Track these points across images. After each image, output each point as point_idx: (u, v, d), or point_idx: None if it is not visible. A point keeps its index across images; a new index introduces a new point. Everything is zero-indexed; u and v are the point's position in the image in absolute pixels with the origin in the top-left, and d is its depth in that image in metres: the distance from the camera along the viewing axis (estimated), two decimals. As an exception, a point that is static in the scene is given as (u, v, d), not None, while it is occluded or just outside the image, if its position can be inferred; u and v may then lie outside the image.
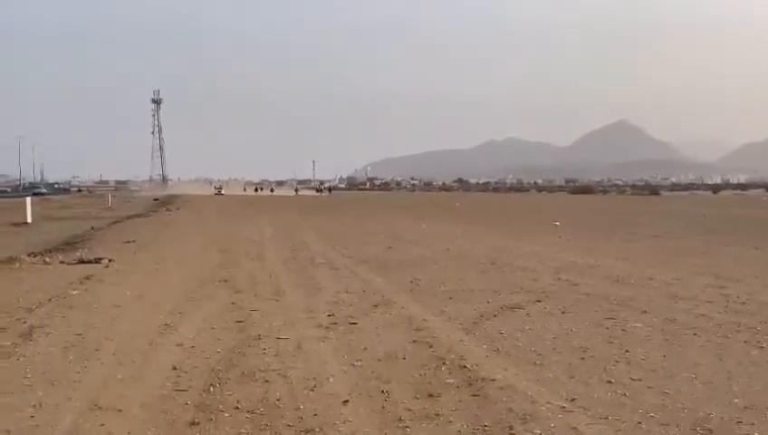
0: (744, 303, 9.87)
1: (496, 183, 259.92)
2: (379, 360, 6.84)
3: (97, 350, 7.21)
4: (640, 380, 6.11)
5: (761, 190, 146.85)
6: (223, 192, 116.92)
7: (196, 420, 5.12)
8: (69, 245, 19.97)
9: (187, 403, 5.51)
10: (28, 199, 35.04)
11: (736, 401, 5.53)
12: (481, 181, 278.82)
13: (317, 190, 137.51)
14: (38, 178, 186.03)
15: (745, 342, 7.52)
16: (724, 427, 4.95)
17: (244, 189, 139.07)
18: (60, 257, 15.69)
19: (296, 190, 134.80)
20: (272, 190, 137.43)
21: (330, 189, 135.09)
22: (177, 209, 48.48)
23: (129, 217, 37.38)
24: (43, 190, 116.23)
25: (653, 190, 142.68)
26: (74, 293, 10.76)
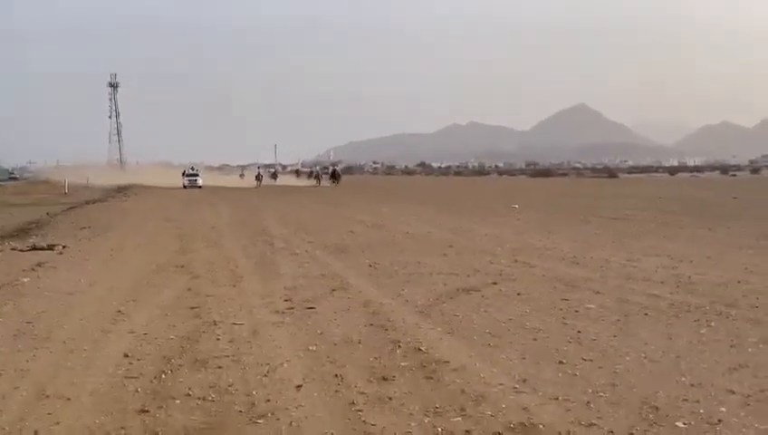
0: (694, 283, 10.07)
1: (458, 167, 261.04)
2: (335, 344, 6.83)
3: (47, 338, 7.09)
4: (591, 360, 6.20)
5: (716, 173, 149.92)
6: (200, 181, 67.33)
7: (146, 408, 5.06)
8: (22, 231, 19.58)
9: (137, 391, 5.45)
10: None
11: (683, 379, 5.64)
12: (443, 165, 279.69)
13: (308, 176, 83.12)
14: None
15: (695, 321, 7.67)
16: (670, 404, 5.05)
17: (242, 175, 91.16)
18: (12, 244, 15.38)
19: (317, 177, 75.92)
20: (258, 177, 73.36)
21: (335, 174, 72.07)
22: (136, 195, 47.81)
23: (86, 203, 36.76)
24: (17, 175, 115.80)
25: (611, 173, 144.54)
26: (26, 280, 10.55)
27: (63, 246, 14.69)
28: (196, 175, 69.32)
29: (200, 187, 64.23)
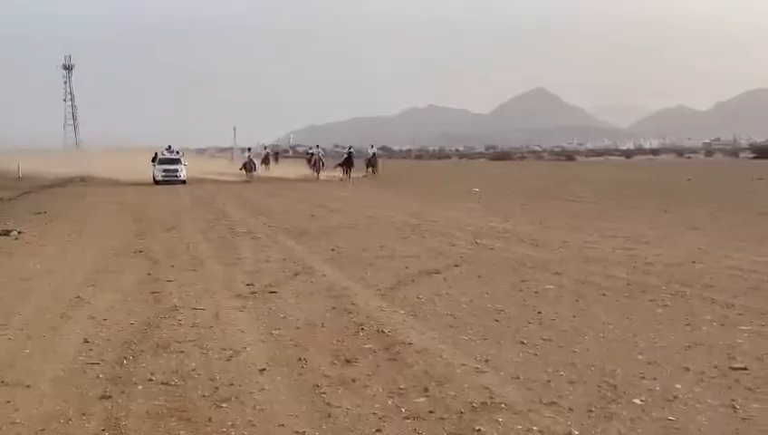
0: (651, 264, 10.28)
1: (419, 150, 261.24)
2: (298, 328, 6.84)
3: (4, 324, 6.97)
4: (551, 340, 6.31)
5: (672, 156, 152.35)
6: (182, 173, 40.41)
7: (108, 394, 5.01)
8: (-25, 217, 19.11)
9: (98, 377, 5.39)
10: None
11: (640, 357, 5.78)
12: (404, 148, 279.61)
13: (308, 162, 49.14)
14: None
15: (651, 301, 7.84)
16: (627, 382, 5.16)
17: (231, 159, 68.85)
18: (-35, 231, 15.00)
19: (315, 165, 45.42)
20: (246, 166, 43.70)
21: (371, 164, 48.38)
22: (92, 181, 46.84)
23: (41, 188, 35.99)
24: None
25: (569, 156, 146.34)
26: (-20, 267, 10.34)
27: (19, 232, 14.42)
28: (177, 162, 41.93)
29: (184, 181, 40.02)
